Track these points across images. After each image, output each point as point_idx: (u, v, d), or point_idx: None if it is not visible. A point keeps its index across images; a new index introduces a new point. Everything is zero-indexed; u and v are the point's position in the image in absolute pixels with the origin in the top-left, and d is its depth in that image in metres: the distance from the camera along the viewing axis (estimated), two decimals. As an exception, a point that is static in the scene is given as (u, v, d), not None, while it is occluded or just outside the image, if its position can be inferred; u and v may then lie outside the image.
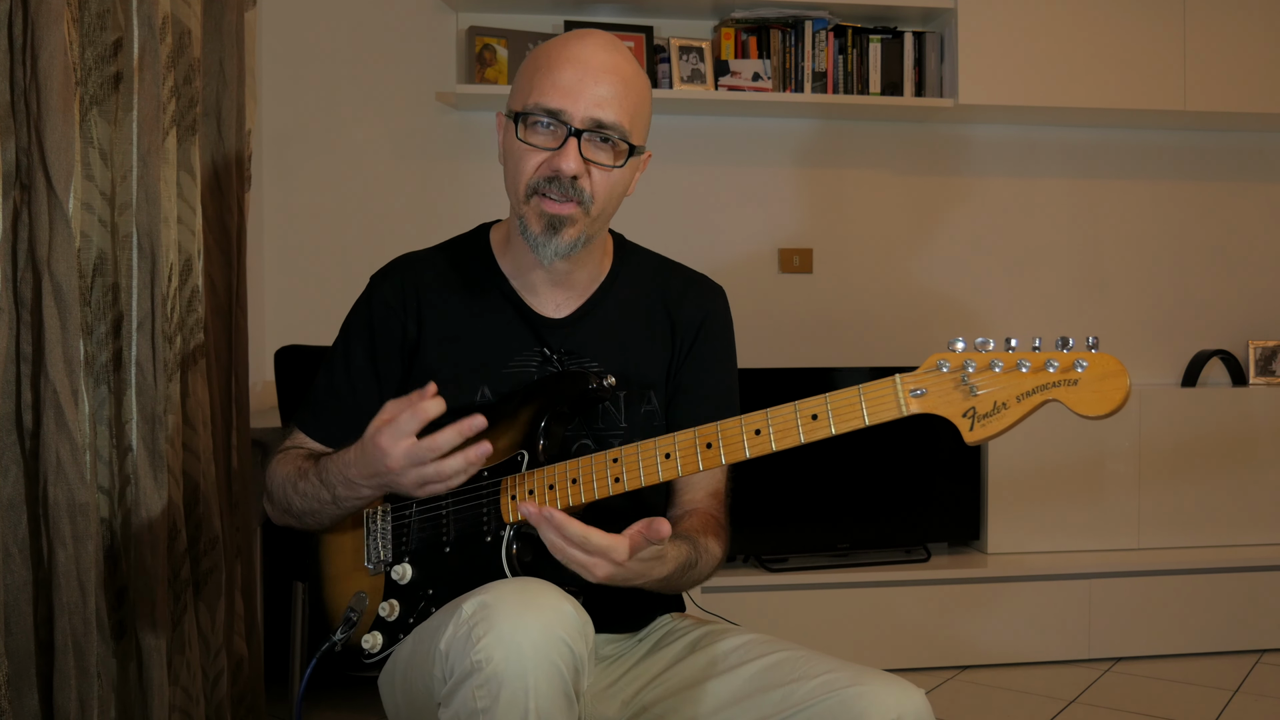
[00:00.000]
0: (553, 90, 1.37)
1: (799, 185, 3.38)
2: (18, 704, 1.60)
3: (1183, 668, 3.00)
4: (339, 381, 1.51)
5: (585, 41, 1.40)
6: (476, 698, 1.15)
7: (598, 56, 1.39)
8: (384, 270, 1.55)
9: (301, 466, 1.44)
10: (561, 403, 1.40)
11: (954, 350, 1.15)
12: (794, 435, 1.22)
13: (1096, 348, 1.11)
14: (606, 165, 1.40)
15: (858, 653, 2.88)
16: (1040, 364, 1.12)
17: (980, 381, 1.14)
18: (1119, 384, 1.09)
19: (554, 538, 1.22)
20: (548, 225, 1.39)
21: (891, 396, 1.17)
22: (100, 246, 1.78)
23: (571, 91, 1.36)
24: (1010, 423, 1.13)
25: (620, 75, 1.39)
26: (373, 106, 3.19)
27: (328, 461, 1.40)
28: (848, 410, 1.19)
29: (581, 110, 1.36)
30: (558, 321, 1.50)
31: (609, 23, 3.20)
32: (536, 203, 1.39)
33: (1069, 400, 1.11)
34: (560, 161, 1.36)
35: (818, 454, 3.05)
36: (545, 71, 1.39)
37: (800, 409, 1.22)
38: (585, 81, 1.37)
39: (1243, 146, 3.56)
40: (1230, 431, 3.27)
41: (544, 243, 1.39)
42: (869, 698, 1.25)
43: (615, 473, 1.31)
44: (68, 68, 1.64)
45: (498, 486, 1.38)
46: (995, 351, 1.14)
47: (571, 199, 1.38)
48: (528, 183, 1.39)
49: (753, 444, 1.24)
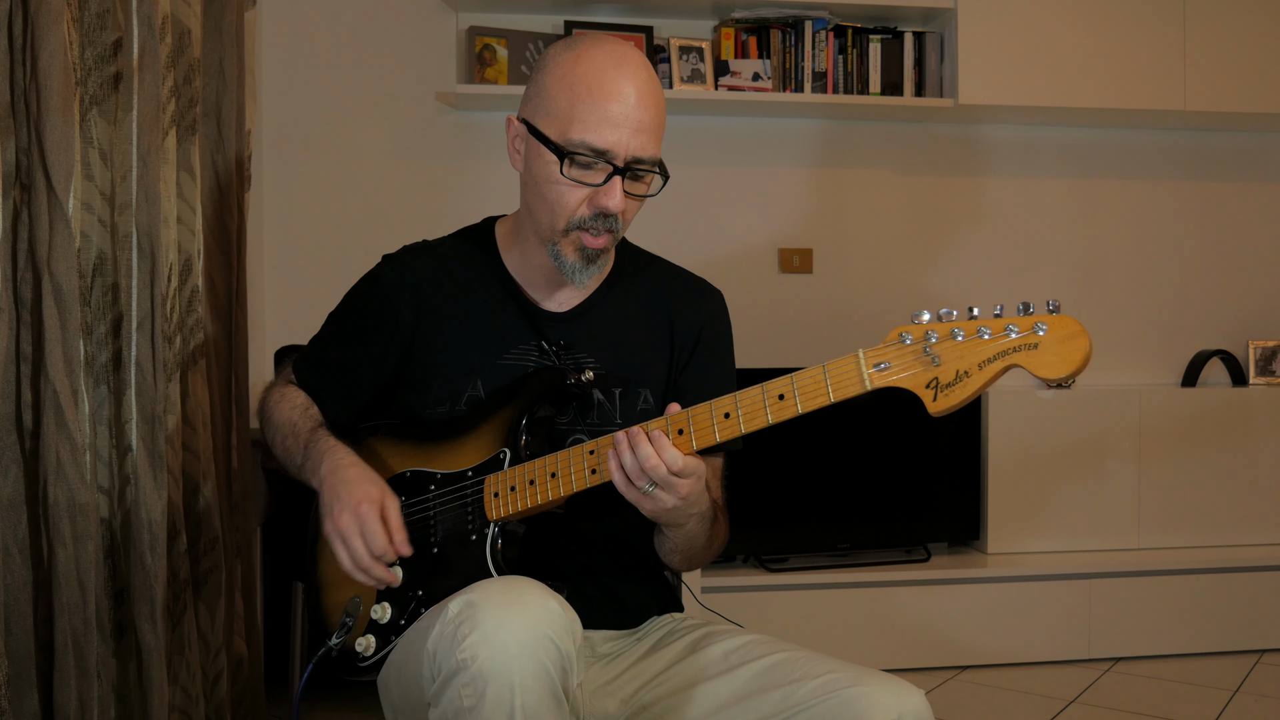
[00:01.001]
0: (598, 126, 1.36)
1: (799, 185, 3.38)
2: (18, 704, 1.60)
3: (1183, 668, 3.00)
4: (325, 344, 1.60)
5: (624, 70, 1.38)
6: (462, 696, 1.15)
7: (637, 87, 1.38)
8: (394, 253, 1.58)
9: (297, 426, 1.53)
10: (540, 400, 1.42)
11: (918, 323, 1.15)
12: (762, 416, 1.23)
13: (1058, 311, 1.11)
14: (642, 196, 1.43)
15: (858, 653, 2.89)
16: (1000, 330, 1.13)
17: (942, 351, 1.14)
18: (1079, 345, 1.09)
19: (644, 458, 1.26)
20: (585, 258, 1.42)
21: (855, 371, 1.18)
22: (100, 246, 1.78)
23: (617, 128, 1.36)
24: (973, 391, 1.13)
25: (656, 101, 1.40)
26: (373, 106, 3.19)
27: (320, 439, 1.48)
28: (813, 388, 1.20)
29: (625, 151, 1.37)
30: (557, 316, 1.52)
31: (609, 22, 3.20)
32: (576, 236, 1.42)
33: (1030, 364, 1.12)
34: (607, 201, 1.38)
35: (818, 454, 3.07)
36: (587, 103, 1.37)
37: (768, 390, 1.23)
38: (629, 119, 1.37)
39: (1242, 146, 3.56)
40: (1230, 431, 3.27)
41: (581, 270, 1.43)
42: (869, 698, 1.25)
43: (592, 464, 1.32)
44: (68, 68, 1.64)
45: (481, 485, 1.40)
46: (956, 321, 1.14)
47: (609, 230, 1.41)
48: (570, 218, 1.41)
49: (722, 427, 1.25)
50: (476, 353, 1.49)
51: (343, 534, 1.37)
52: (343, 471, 1.41)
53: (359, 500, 1.37)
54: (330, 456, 1.44)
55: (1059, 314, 1.11)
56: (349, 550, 1.37)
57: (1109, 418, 3.21)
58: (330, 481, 1.41)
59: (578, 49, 1.40)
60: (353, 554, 1.37)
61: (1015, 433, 3.15)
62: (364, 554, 1.37)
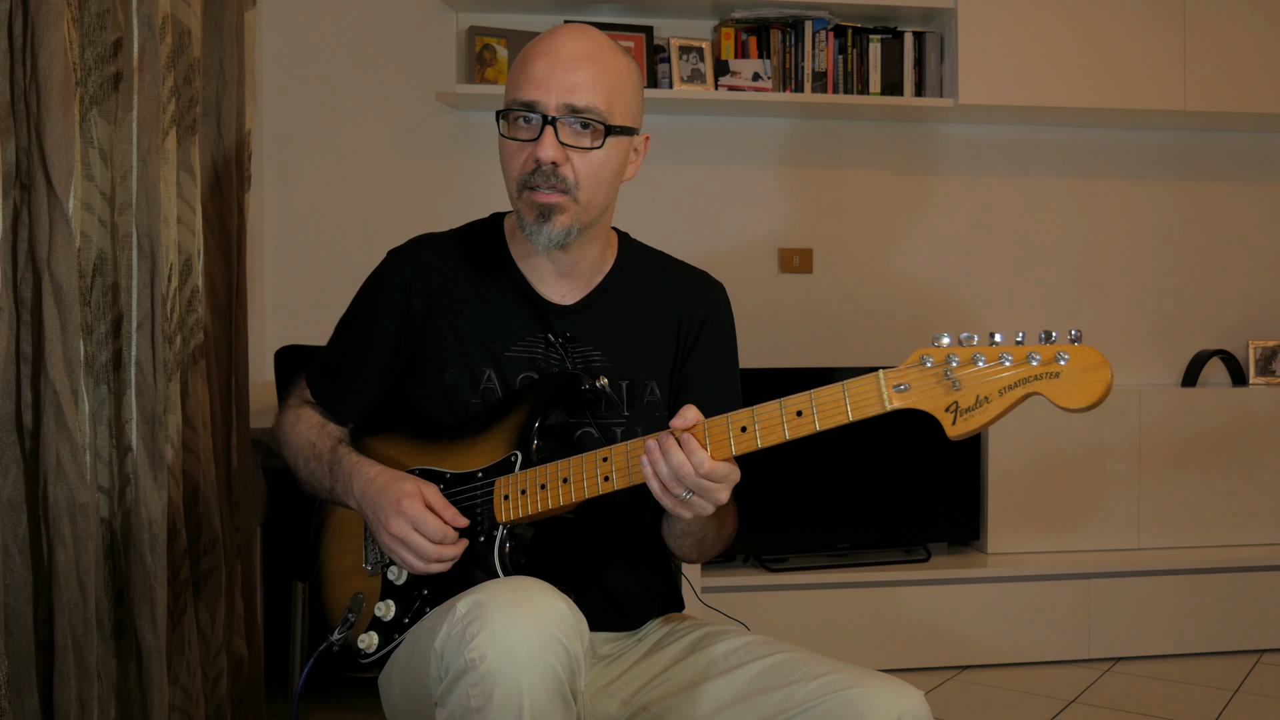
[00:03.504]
0: (526, 83, 1.41)
1: (799, 185, 3.38)
2: (18, 704, 1.60)
3: (1183, 668, 3.00)
4: (337, 348, 1.59)
5: (557, 34, 1.44)
6: (470, 696, 1.15)
7: (567, 45, 1.42)
8: (400, 247, 1.58)
9: (317, 448, 1.51)
10: (553, 404, 1.42)
11: (938, 345, 1.16)
12: (779, 432, 1.23)
13: (1079, 340, 1.11)
14: (585, 148, 1.42)
15: (858, 653, 2.89)
16: (1022, 357, 1.12)
17: (963, 376, 1.14)
18: (1100, 376, 1.09)
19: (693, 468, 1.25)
20: (539, 214, 1.43)
21: (875, 392, 1.18)
22: (100, 246, 1.78)
23: (544, 82, 1.40)
24: (993, 416, 1.13)
25: (591, 59, 1.42)
26: (373, 106, 3.19)
27: (343, 458, 1.46)
28: (832, 406, 1.20)
29: (554, 98, 1.40)
30: (564, 308, 1.52)
31: (609, 22, 3.20)
32: (528, 196, 1.43)
33: (1051, 393, 1.11)
34: (538, 151, 1.40)
35: (818, 454, 3.07)
36: (520, 67, 1.44)
37: (785, 405, 1.23)
38: (555, 70, 1.41)
39: (1242, 146, 3.56)
40: (1230, 431, 3.27)
41: (537, 231, 1.43)
42: (869, 699, 1.25)
43: (605, 471, 1.32)
44: (68, 68, 1.64)
45: (491, 487, 1.40)
46: (978, 346, 1.15)
47: (557, 188, 1.42)
48: (517, 178, 1.44)
49: (739, 441, 1.25)
50: (485, 344, 1.49)
51: (400, 539, 1.36)
52: (374, 483, 1.41)
53: (398, 500, 1.37)
54: (358, 475, 1.43)
55: (1081, 344, 1.11)
56: (411, 549, 1.36)
57: (1109, 418, 3.21)
58: (367, 497, 1.41)
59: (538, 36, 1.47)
60: (417, 550, 1.36)
61: (1015, 432, 3.15)
62: (426, 546, 1.36)
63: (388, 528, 1.37)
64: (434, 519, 1.36)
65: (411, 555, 1.37)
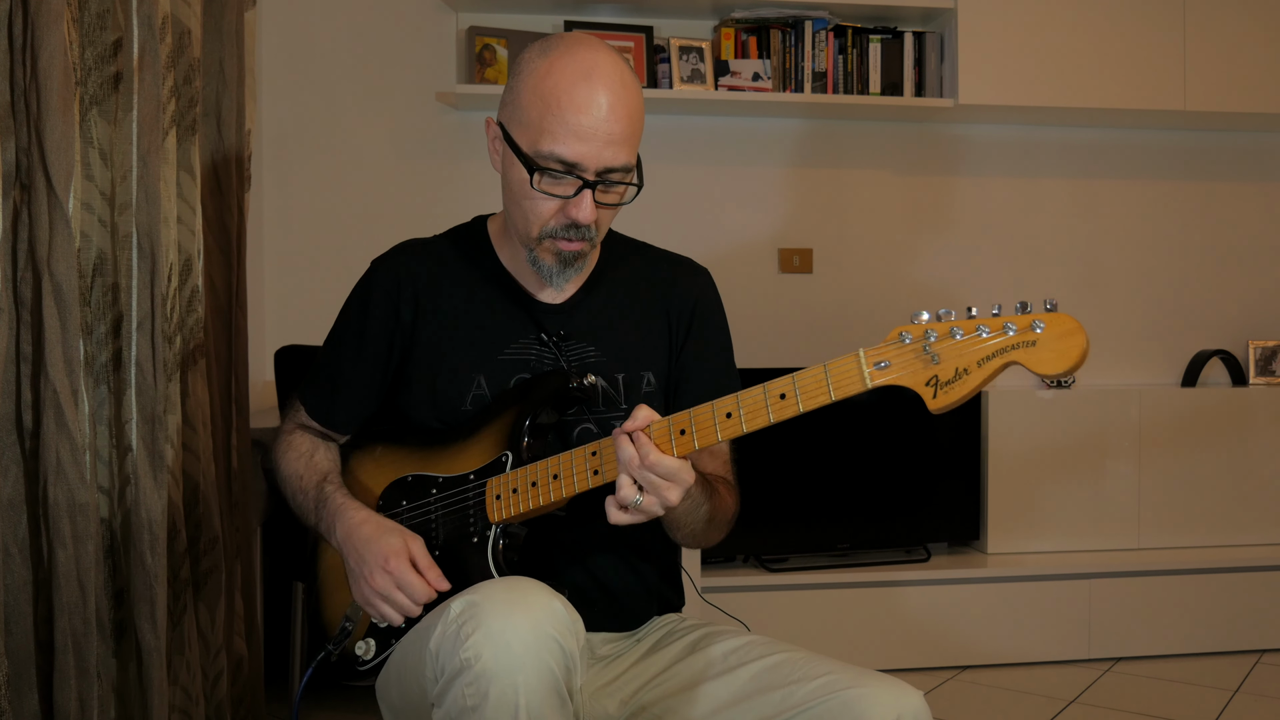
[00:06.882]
0: (567, 140, 1.35)
1: (799, 185, 3.38)
2: (18, 704, 1.60)
3: (1183, 668, 3.00)
4: (329, 360, 1.58)
5: (594, 81, 1.35)
6: (466, 696, 1.15)
7: (609, 97, 1.35)
8: (385, 254, 1.57)
9: (304, 481, 1.53)
10: (542, 403, 1.42)
11: (917, 322, 1.17)
12: (764, 416, 1.24)
13: (1055, 310, 1.13)
14: (613, 204, 1.42)
15: (858, 653, 2.89)
16: (999, 328, 1.14)
17: (941, 350, 1.15)
18: (1076, 341, 1.10)
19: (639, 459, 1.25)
20: (562, 262, 1.43)
21: (856, 370, 1.19)
22: (100, 246, 1.78)
23: (586, 141, 1.35)
24: (973, 388, 1.14)
25: (629, 110, 1.37)
26: (373, 106, 3.19)
27: (329, 498, 1.48)
28: (814, 387, 1.21)
29: (595, 163, 1.36)
30: (554, 307, 1.52)
31: (609, 22, 3.20)
32: (551, 244, 1.42)
33: (1028, 361, 1.13)
34: (576, 213, 1.38)
35: (818, 454, 3.07)
36: (557, 115, 1.35)
37: (769, 389, 1.24)
38: (599, 131, 1.35)
39: (1242, 146, 3.56)
40: (1230, 431, 3.27)
41: (559, 274, 1.44)
42: (868, 699, 1.25)
43: (594, 465, 1.33)
44: (68, 68, 1.64)
45: (483, 488, 1.40)
46: (955, 320, 1.16)
47: (585, 237, 1.41)
48: (543, 228, 1.41)
49: (724, 427, 1.26)
50: (477, 349, 1.49)
51: (382, 594, 1.37)
52: (358, 531, 1.41)
53: (385, 556, 1.37)
54: (342, 519, 1.43)
55: (1056, 312, 1.12)
56: (394, 606, 1.37)
57: (1109, 417, 3.21)
58: (350, 545, 1.41)
59: (550, 56, 1.38)
60: (399, 608, 1.37)
61: (1015, 432, 3.15)
62: (409, 605, 1.37)
63: (370, 582, 1.38)
64: (419, 582, 1.36)
65: (389, 610, 1.38)
